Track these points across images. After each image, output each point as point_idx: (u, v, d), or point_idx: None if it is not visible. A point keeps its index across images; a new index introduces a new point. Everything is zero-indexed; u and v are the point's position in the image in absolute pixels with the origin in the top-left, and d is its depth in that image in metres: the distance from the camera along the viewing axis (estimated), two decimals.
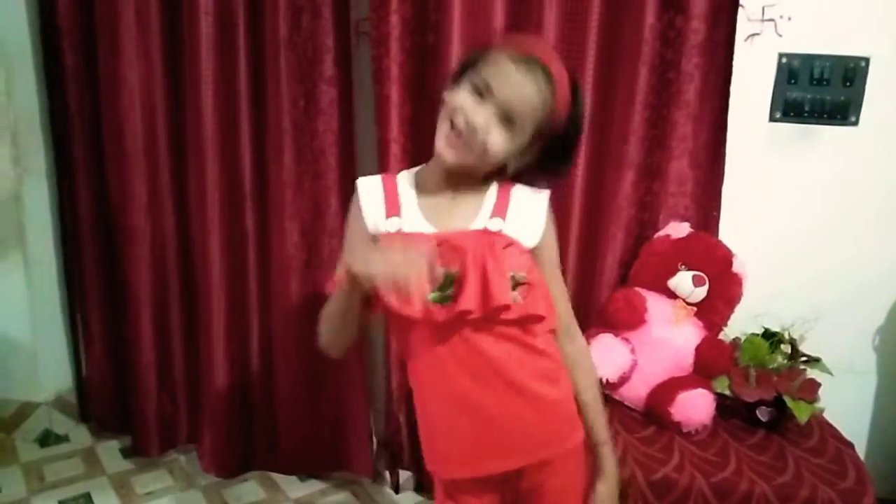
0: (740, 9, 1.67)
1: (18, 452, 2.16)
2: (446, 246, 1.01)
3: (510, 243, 1.04)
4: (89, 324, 2.20)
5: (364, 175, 1.16)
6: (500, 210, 1.06)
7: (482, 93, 1.00)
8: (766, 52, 1.75)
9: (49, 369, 2.24)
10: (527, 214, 1.07)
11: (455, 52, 1.67)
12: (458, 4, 1.66)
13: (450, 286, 0.99)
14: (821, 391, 1.60)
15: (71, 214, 2.13)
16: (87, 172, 2.06)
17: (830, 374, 1.62)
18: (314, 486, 2.08)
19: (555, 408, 1.11)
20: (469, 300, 0.98)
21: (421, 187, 1.10)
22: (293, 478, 2.11)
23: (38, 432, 2.23)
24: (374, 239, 1.07)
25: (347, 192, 1.88)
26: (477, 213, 1.06)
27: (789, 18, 1.72)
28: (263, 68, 1.83)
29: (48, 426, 2.24)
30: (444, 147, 1.02)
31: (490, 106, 1.00)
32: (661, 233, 1.77)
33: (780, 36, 1.73)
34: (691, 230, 1.76)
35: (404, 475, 2.06)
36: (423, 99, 1.76)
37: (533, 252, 1.08)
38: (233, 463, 2.09)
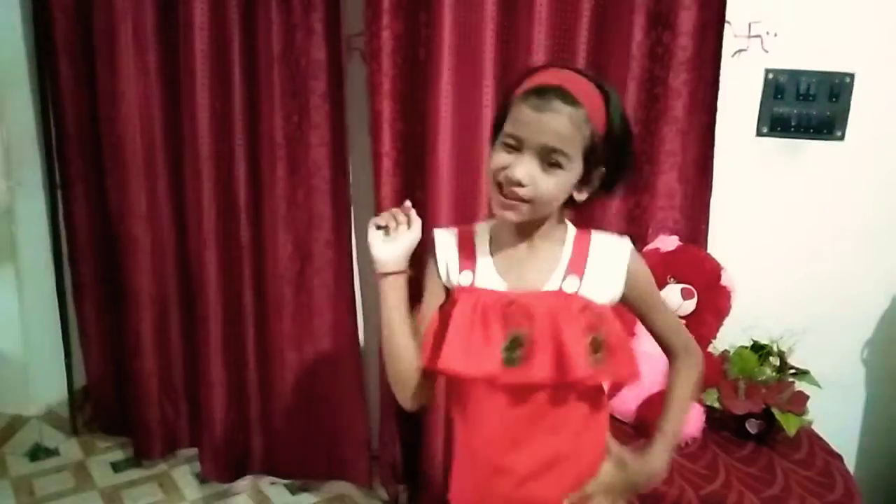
0: (727, 25, 1.70)
1: (8, 466, 2.15)
2: (516, 306, 0.97)
3: (586, 305, 0.97)
4: (87, 333, 2.20)
5: (357, 187, 1.16)
6: (576, 266, 0.99)
7: (513, 144, 0.94)
8: (753, 68, 1.77)
9: (40, 383, 2.24)
10: (606, 269, 1.00)
11: (446, 67, 1.69)
12: (449, 20, 1.68)
13: (518, 348, 0.95)
14: (809, 403, 1.61)
15: (66, 227, 2.15)
16: (84, 185, 2.08)
17: (819, 386, 1.63)
18: (306, 499, 2.08)
19: (597, 445, 1.09)
20: (542, 369, 0.94)
21: (496, 240, 1.05)
22: (285, 492, 2.10)
23: (29, 446, 2.22)
24: (448, 291, 1.06)
25: (340, 205, 1.92)
26: (553, 269, 1.00)
27: (775, 35, 1.75)
28: (257, 83, 1.85)
29: (38, 440, 2.23)
30: (502, 211, 0.96)
31: (527, 156, 0.93)
32: (650, 246, 1.79)
33: (767, 52, 1.76)
34: (680, 243, 1.77)
35: (399, 489, 2.06)
36: (416, 113, 1.78)
37: (622, 301, 1.03)
38: (232, 468, 2.10)
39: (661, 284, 1.73)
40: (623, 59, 1.71)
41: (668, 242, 1.76)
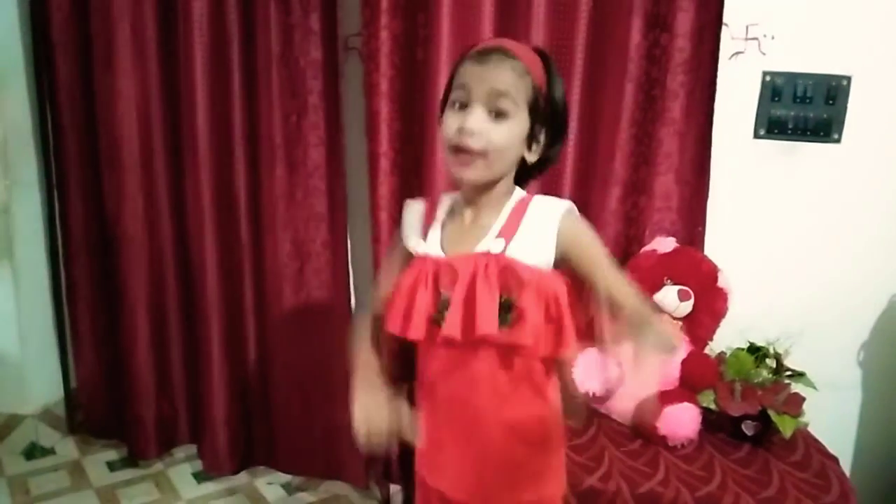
0: (724, 27, 1.70)
1: (4, 465, 2.14)
2: (445, 270, 1.02)
3: (507, 265, 0.99)
4: (80, 332, 2.20)
5: (354, 187, 1.17)
6: (508, 228, 1.02)
7: (465, 104, 0.99)
8: (750, 70, 1.77)
9: (36, 382, 2.23)
10: (537, 229, 1.02)
11: (444, 68, 1.69)
12: (447, 20, 1.68)
13: (446, 309, 1.00)
14: (805, 405, 1.61)
15: (62, 226, 2.14)
16: (81, 183, 2.07)
17: (815, 388, 1.63)
18: (302, 499, 2.08)
19: (541, 456, 1.11)
20: (451, 326, 0.99)
21: (452, 210, 1.10)
22: (282, 492, 2.10)
23: (24, 445, 2.21)
24: (406, 259, 1.09)
25: (338, 204, 1.92)
26: (487, 233, 1.03)
27: (773, 37, 1.75)
28: (256, 84, 1.85)
29: (34, 439, 2.22)
30: (460, 172, 1.01)
31: (476, 107, 0.98)
32: (647, 248, 1.79)
33: (764, 54, 1.76)
34: (677, 245, 1.77)
35: (393, 488, 2.06)
36: (413, 114, 1.78)
37: (567, 262, 1.03)
38: (235, 461, 2.12)
39: (658, 286, 1.74)
40: (620, 61, 1.71)
41: (664, 244, 1.77)
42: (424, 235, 1.08)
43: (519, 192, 1.07)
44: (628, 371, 1.04)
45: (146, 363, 2.10)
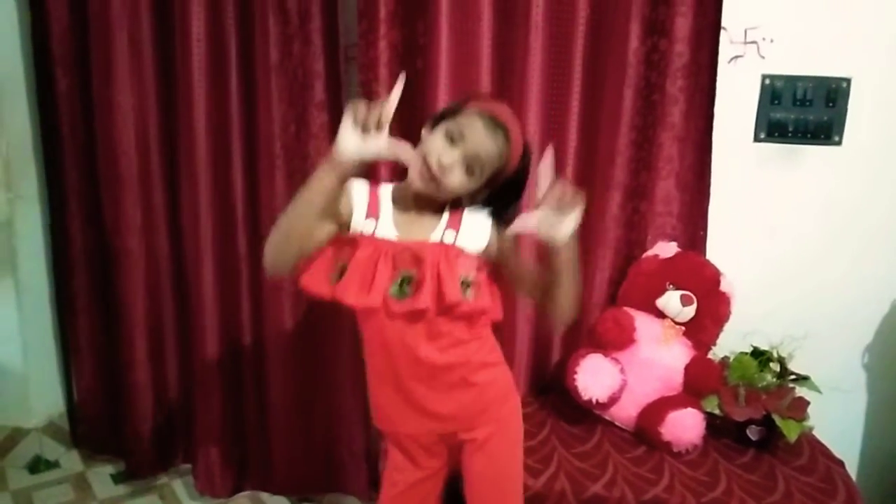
0: (723, 31, 1.71)
1: (8, 479, 2.14)
2: (407, 252, 1.22)
3: (459, 253, 1.24)
4: (80, 348, 2.19)
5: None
6: (453, 224, 1.26)
7: (454, 139, 1.19)
8: (750, 74, 1.77)
9: (40, 395, 2.23)
10: (475, 226, 1.27)
11: (443, 77, 1.69)
12: (445, 30, 1.68)
13: (407, 285, 1.22)
14: (810, 409, 1.61)
15: (61, 239, 2.14)
16: (80, 197, 2.07)
17: (819, 392, 1.63)
18: None
19: (489, 389, 1.33)
20: (426, 299, 1.20)
21: (395, 201, 1.28)
22: (286, 502, 2.10)
23: (29, 458, 2.21)
24: (343, 216, 1.25)
25: None
26: (436, 225, 1.26)
27: (771, 40, 1.75)
28: (255, 94, 1.85)
29: (38, 452, 2.22)
30: (416, 178, 1.21)
31: (458, 152, 1.19)
32: (649, 253, 1.79)
33: (763, 58, 1.76)
34: (679, 250, 1.77)
35: None
36: (411, 124, 1.77)
37: (489, 249, 1.28)
38: (228, 484, 2.09)
39: (661, 291, 1.74)
40: (619, 66, 1.72)
41: (666, 249, 1.76)
42: (373, 215, 1.25)
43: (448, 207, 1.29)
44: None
45: (143, 379, 2.08)
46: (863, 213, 1.82)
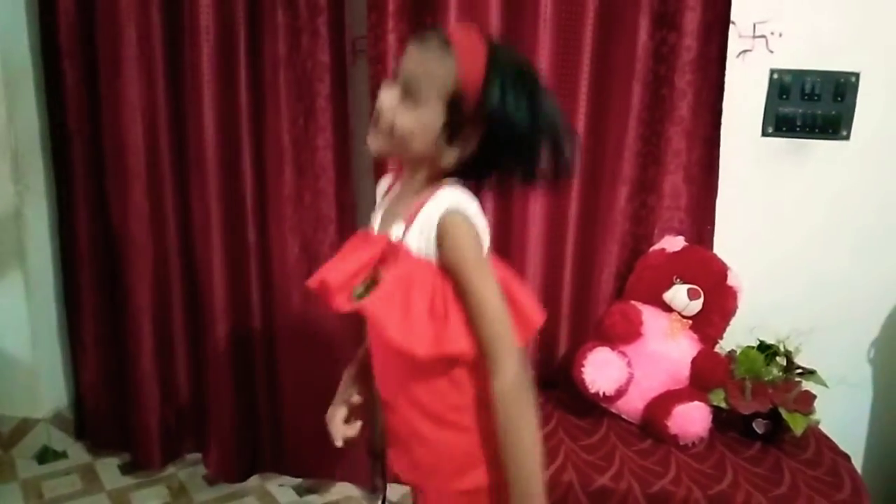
0: (732, 26, 1.70)
1: (17, 469, 2.16)
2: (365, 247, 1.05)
3: (393, 250, 0.99)
4: (87, 339, 2.20)
5: (363, 191, 1.21)
6: (410, 217, 0.98)
7: (395, 77, 0.99)
8: (758, 68, 1.77)
9: (48, 386, 2.24)
10: (426, 224, 0.96)
11: None
12: (454, 22, 1.68)
13: (375, 286, 0.99)
14: (816, 403, 1.61)
15: (68, 231, 2.15)
16: (87, 190, 2.07)
17: (826, 385, 1.63)
18: (313, 501, 2.09)
19: (438, 447, 1.06)
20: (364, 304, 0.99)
21: (389, 190, 1.14)
22: (293, 494, 2.11)
23: (37, 449, 2.22)
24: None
25: (346, 207, 1.93)
26: (399, 218, 1.01)
27: (780, 35, 1.75)
28: (263, 87, 1.85)
29: (47, 443, 2.23)
30: (368, 139, 1.01)
31: (395, 85, 0.98)
32: (656, 246, 1.79)
33: (772, 52, 1.76)
34: (686, 244, 1.78)
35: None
36: None
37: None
38: (242, 468, 2.12)
39: (668, 285, 1.74)
40: (628, 60, 1.72)
41: (674, 243, 1.77)
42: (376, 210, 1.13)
43: (443, 184, 1.00)
44: None
45: (150, 371, 2.09)
46: (870, 207, 1.81)
